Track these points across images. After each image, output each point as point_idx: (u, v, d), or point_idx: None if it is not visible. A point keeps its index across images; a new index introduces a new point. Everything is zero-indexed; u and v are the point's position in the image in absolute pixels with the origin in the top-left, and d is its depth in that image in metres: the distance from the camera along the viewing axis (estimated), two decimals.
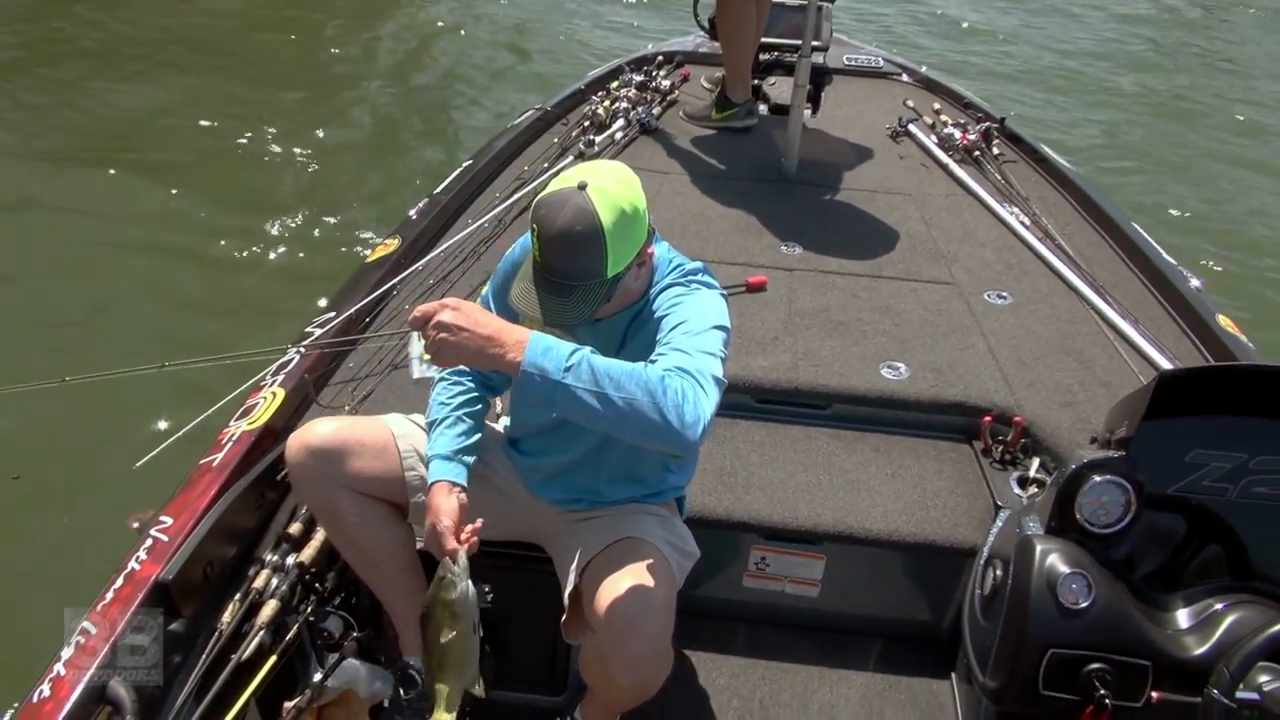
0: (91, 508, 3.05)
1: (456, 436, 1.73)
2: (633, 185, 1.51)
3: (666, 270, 1.66)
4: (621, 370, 1.35)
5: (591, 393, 1.33)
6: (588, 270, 1.47)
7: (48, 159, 5.41)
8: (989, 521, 2.10)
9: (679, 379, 1.38)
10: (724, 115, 3.90)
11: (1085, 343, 2.65)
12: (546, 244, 1.46)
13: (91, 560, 2.80)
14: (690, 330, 1.51)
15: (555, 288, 1.49)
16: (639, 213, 1.50)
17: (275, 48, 7.17)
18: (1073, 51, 8.29)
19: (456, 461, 1.70)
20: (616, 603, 1.53)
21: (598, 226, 1.44)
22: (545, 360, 1.34)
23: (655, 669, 1.60)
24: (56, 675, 1.57)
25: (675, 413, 1.34)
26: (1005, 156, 3.79)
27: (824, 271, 2.96)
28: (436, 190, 3.27)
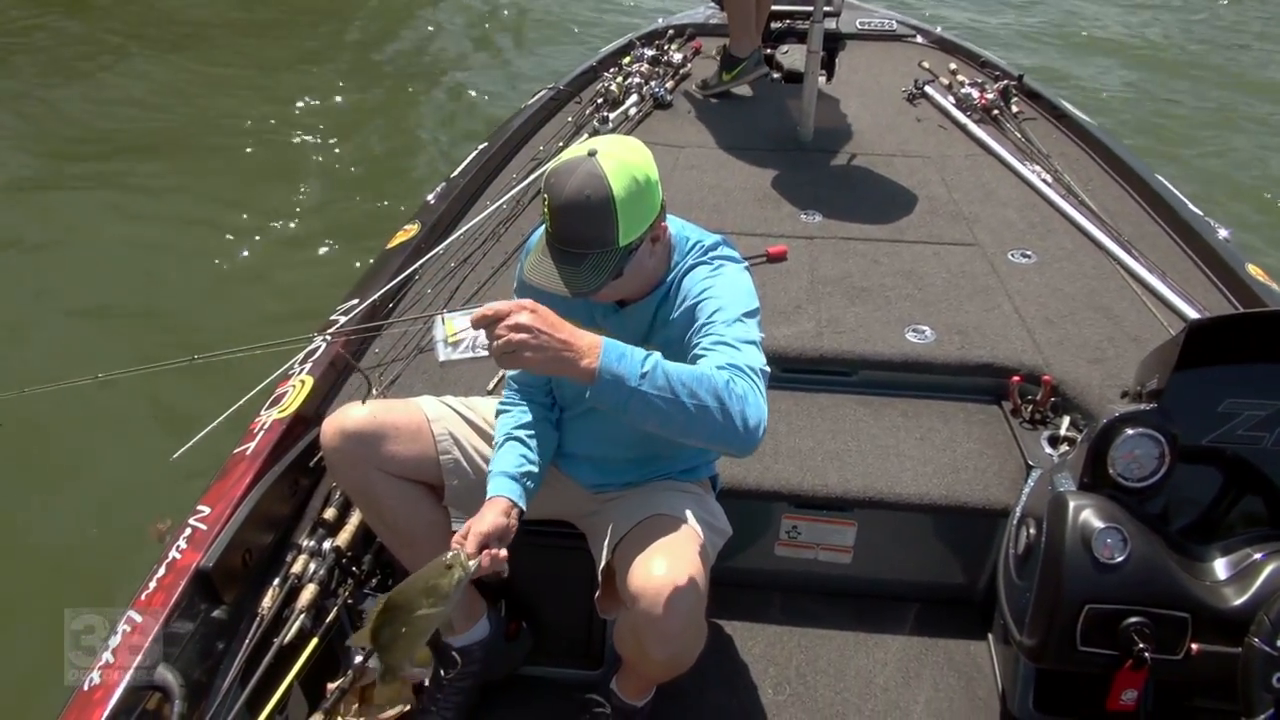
0: (129, 501, 3.10)
1: (524, 457, 1.70)
2: (644, 155, 1.50)
3: (686, 249, 1.64)
4: (692, 376, 1.34)
5: (666, 399, 1.32)
6: (599, 238, 1.45)
7: (67, 148, 5.48)
8: (1020, 482, 2.09)
9: (740, 380, 1.37)
10: (734, 73, 3.86)
11: (1113, 298, 2.62)
12: (556, 211, 1.45)
13: (128, 553, 2.86)
14: (729, 318, 1.51)
15: (567, 256, 1.47)
16: (650, 183, 1.49)
17: (281, 29, 7.18)
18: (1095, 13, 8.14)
19: (521, 484, 1.67)
20: (649, 579, 1.53)
21: (608, 192, 1.43)
22: (620, 367, 1.32)
23: (689, 643, 1.61)
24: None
25: (740, 418, 1.35)
26: (1025, 114, 3.75)
27: (845, 238, 2.94)
28: (453, 174, 3.27)
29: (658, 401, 1.32)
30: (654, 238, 1.54)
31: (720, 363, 1.41)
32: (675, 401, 1.32)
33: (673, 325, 1.62)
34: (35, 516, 3.11)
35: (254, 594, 1.89)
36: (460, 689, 1.92)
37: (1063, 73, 6.71)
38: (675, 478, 1.80)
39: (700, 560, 1.59)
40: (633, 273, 1.55)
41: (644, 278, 1.60)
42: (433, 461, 1.81)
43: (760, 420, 1.37)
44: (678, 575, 1.53)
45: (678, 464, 1.80)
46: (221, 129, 5.70)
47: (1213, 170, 5.54)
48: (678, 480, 1.80)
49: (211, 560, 1.77)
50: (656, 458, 1.79)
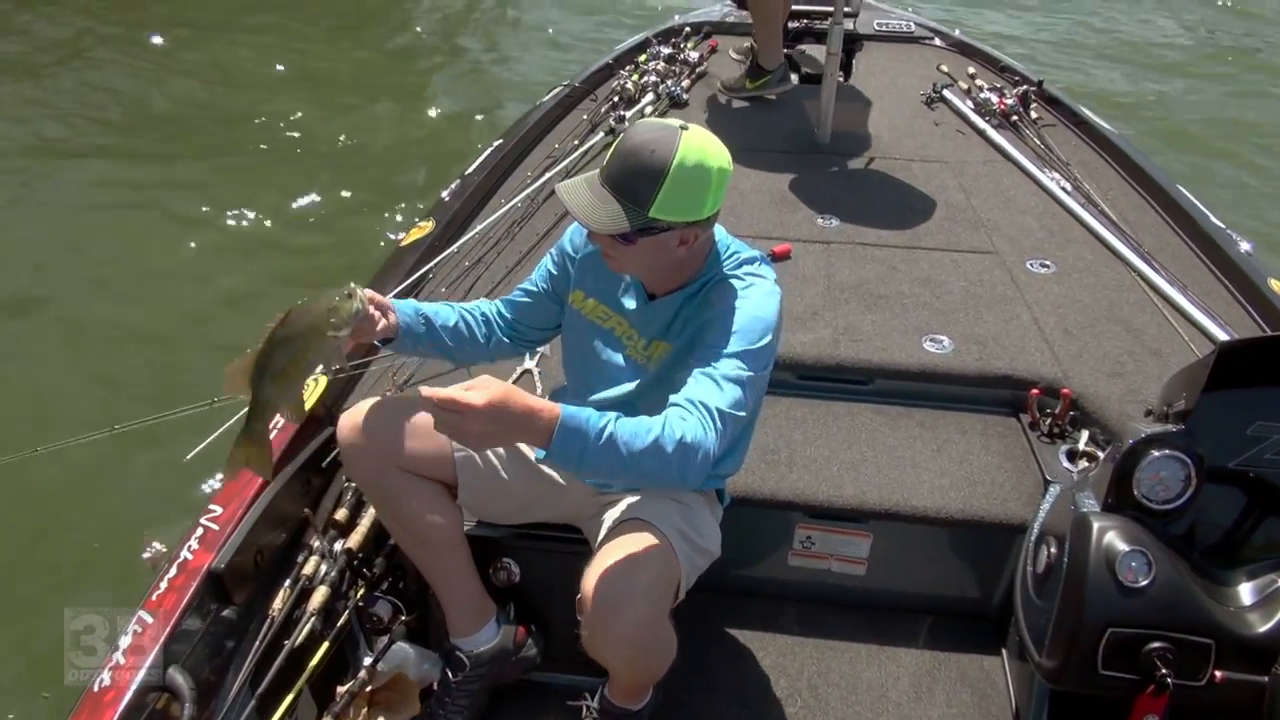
0: (142, 501, 3.10)
1: (438, 315, 1.79)
2: (721, 162, 1.50)
3: (724, 257, 1.65)
4: (642, 442, 1.38)
5: (611, 467, 1.39)
6: (635, 192, 1.47)
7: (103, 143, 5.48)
8: (1038, 496, 2.07)
9: (695, 425, 1.42)
10: (758, 84, 3.84)
11: (1133, 311, 2.59)
12: (618, 150, 1.49)
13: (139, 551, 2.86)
14: (729, 350, 1.52)
15: (601, 193, 1.50)
16: (709, 186, 1.48)
17: (299, 25, 7.16)
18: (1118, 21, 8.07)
19: (416, 312, 1.75)
20: (599, 581, 1.53)
21: (669, 160, 1.44)
22: (568, 448, 1.35)
23: (643, 652, 1.60)
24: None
25: (679, 470, 1.41)
26: (1044, 120, 3.72)
27: (862, 244, 2.92)
28: (468, 171, 3.25)
29: (604, 470, 1.41)
30: (683, 240, 1.54)
31: (692, 396, 1.46)
32: (633, 461, 1.38)
33: (690, 329, 1.63)
34: (49, 513, 3.10)
35: (265, 595, 1.88)
36: (468, 692, 1.91)
37: (1083, 79, 6.65)
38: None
39: (664, 571, 1.58)
40: (645, 252, 1.54)
41: (656, 267, 1.60)
42: (448, 459, 1.80)
43: (704, 461, 1.42)
44: (631, 582, 1.53)
45: None
46: (233, 122, 5.68)
47: (1235, 182, 5.49)
48: (675, 489, 1.77)
49: (223, 561, 1.76)
50: None
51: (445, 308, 1.83)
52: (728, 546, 2.20)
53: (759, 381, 1.58)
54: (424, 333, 1.76)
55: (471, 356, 1.89)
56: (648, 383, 1.70)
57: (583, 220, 1.51)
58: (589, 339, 1.78)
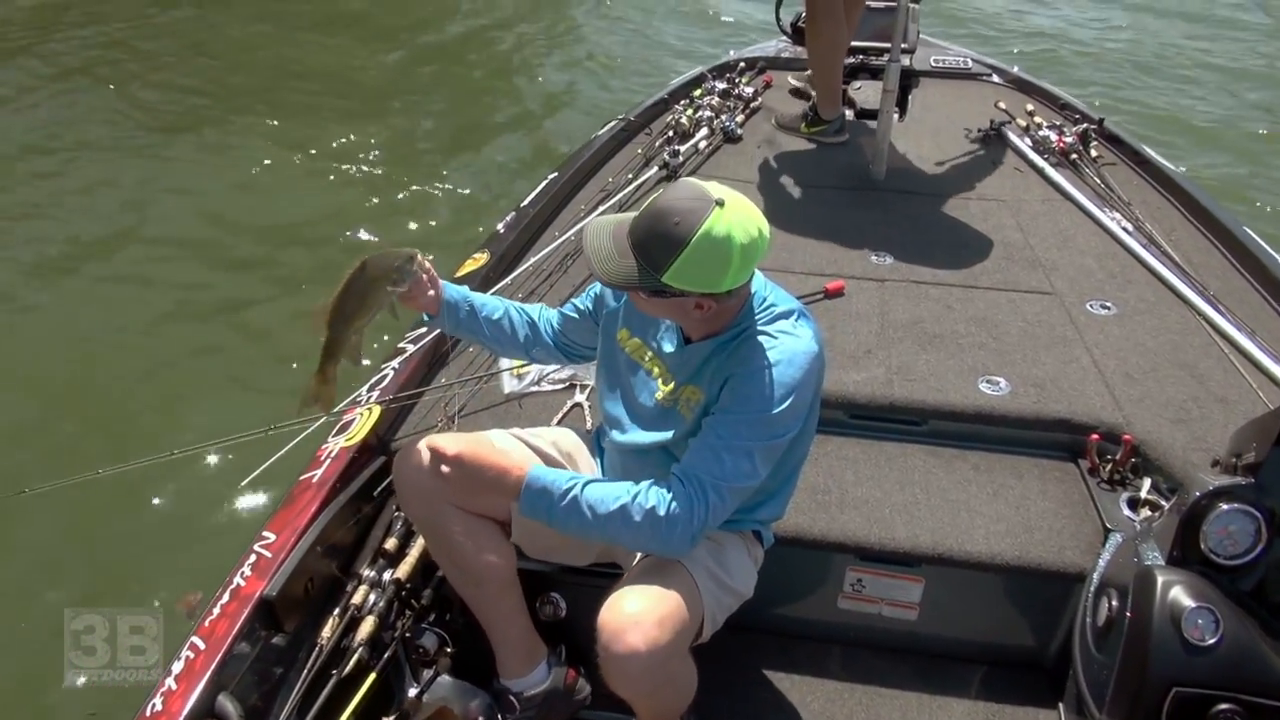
0: (198, 522, 3.15)
1: (489, 306, 1.86)
2: (748, 243, 1.47)
3: (758, 309, 1.62)
4: (603, 505, 1.52)
5: (578, 526, 1.55)
6: (651, 256, 1.47)
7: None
8: (1097, 545, 2.01)
9: (673, 496, 1.51)
10: (814, 130, 3.85)
11: (1197, 356, 2.53)
12: (649, 208, 1.50)
13: (198, 567, 2.90)
14: (740, 418, 1.54)
15: (621, 246, 1.52)
16: (728, 264, 1.46)
17: (353, 53, 7.33)
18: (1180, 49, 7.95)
19: (462, 297, 1.83)
20: (615, 610, 1.53)
21: (691, 234, 1.44)
22: (536, 506, 1.56)
23: (655, 686, 1.57)
24: (168, 690, 1.61)
25: (654, 539, 1.52)
26: (1104, 159, 3.66)
27: (917, 282, 2.89)
28: (523, 203, 3.28)
29: (581, 525, 1.54)
30: (699, 305, 1.53)
31: (686, 468, 1.54)
32: (598, 524, 1.53)
33: (718, 381, 1.61)
34: (106, 535, 3.17)
35: (314, 623, 1.90)
36: None
37: (1150, 108, 6.54)
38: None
39: (685, 610, 1.56)
40: (661, 308, 1.57)
41: (679, 319, 1.62)
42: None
43: (684, 532, 1.51)
44: (646, 617, 1.51)
45: None
46: (289, 146, 5.82)
47: None
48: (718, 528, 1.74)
49: (275, 589, 1.78)
50: None
51: (496, 301, 1.88)
52: (776, 586, 2.19)
53: (773, 449, 1.57)
54: (465, 317, 1.83)
55: (507, 353, 1.96)
56: (684, 432, 1.69)
57: (595, 270, 1.53)
58: (626, 376, 1.78)
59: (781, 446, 1.60)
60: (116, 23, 7.62)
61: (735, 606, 1.77)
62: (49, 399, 3.74)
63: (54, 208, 5.14)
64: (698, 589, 1.61)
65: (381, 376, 2.35)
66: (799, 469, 1.80)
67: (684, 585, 1.59)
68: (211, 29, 7.63)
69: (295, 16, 7.97)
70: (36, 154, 5.71)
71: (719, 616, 1.70)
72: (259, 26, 7.77)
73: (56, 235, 4.86)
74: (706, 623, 1.65)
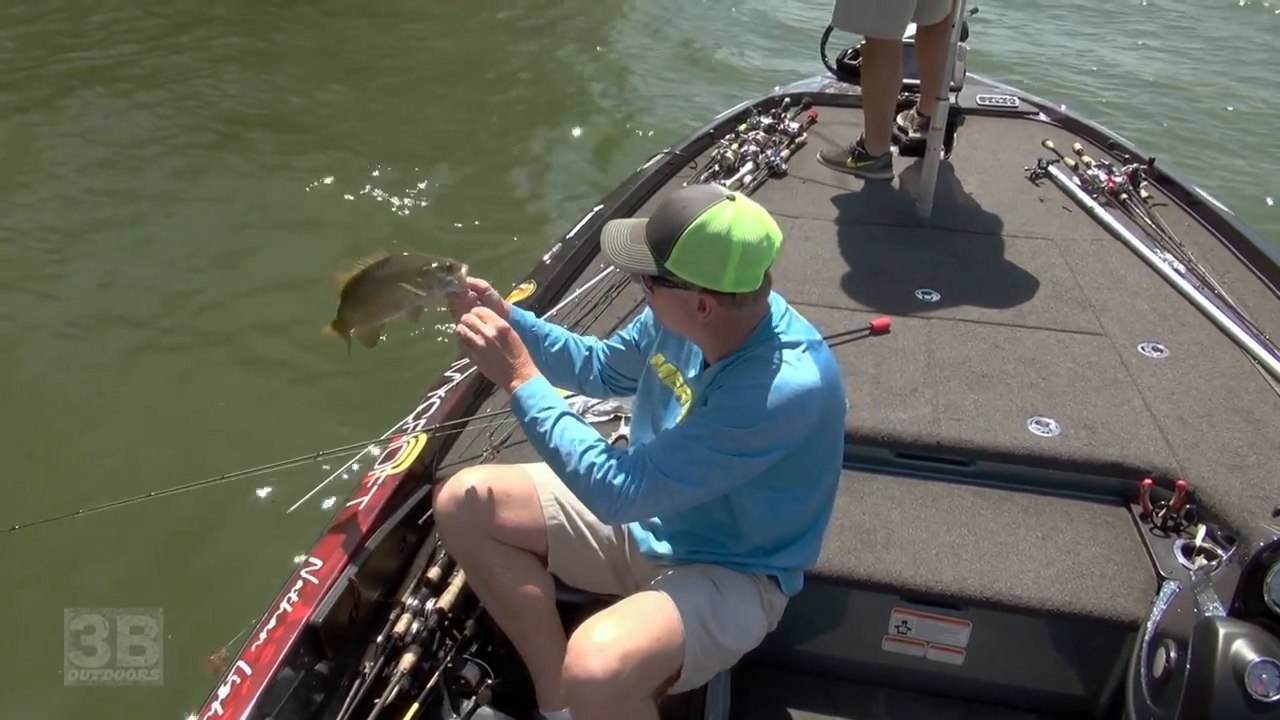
0: (248, 546, 3.19)
1: (554, 338, 1.88)
2: (750, 241, 1.47)
3: (768, 333, 1.60)
4: (574, 446, 1.55)
5: (544, 447, 1.58)
6: (657, 241, 1.51)
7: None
8: (1150, 593, 1.97)
9: (632, 474, 1.52)
10: (860, 166, 3.85)
11: (1253, 401, 2.48)
12: (660, 203, 1.55)
13: (243, 594, 2.93)
14: (716, 424, 1.52)
15: (637, 233, 1.56)
16: (727, 257, 1.47)
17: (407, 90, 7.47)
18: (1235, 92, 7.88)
19: (534, 324, 1.86)
20: (581, 631, 1.53)
21: (687, 221, 1.47)
22: (523, 403, 1.59)
23: (603, 717, 1.53)
24: (214, 713, 1.63)
25: (588, 495, 1.55)
26: (1155, 199, 3.61)
27: (964, 320, 2.86)
28: (569, 235, 3.31)
29: (539, 443, 1.59)
30: (701, 305, 1.53)
31: (648, 448, 1.55)
32: (549, 453, 1.58)
33: (709, 396, 1.60)
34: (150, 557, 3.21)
35: (357, 651, 1.90)
36: None
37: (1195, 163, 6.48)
38: (727, 565, 1.73)
39: (659, 651, 1.54)
40: (670, 306, 1.57)
41: (688, 328, 1.61)
42: (540, 530, 1.81)
43: (612, 502, 1.52)
44: (613, 648, 1.49)
45: (728, 552, 1.73)
46: (330, 184, 5.95)
47: None
48: (729, 569, 1.72)
49: (321, 615, 1.79)
50: (709, 540, 1.73)
51: (559, 331, 1.90)
52: (819, 626, 2.16)
53: (732, 468, 1.52)
54: (529, 343, 1.81)
55: (560, 383, 1.92)
56: None
57: (609, 254, 1.58)
58: (658, 399, 1.78)
59: (743, 469, 1.53)
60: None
61: (731, 661, 1.73)
62: (112, 417, 3.83)
63: (136, 221, 5.39)
64: (681, 633, 1.58)
65: (428, 405, 2.37)
66: (824, 514, 1.77)
67: (667, 626, 1.56)
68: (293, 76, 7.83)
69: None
70: (115, 169, 5.95)
71: (708, 666, 1.66)
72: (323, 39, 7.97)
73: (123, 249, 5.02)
74: (688, 669, 1.61)
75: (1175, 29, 9.17)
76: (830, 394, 1.58)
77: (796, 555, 1.75)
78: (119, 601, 2.94)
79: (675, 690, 1.65)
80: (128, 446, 3.65)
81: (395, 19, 8.89)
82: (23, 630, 2.86)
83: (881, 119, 3.76)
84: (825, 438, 1.62)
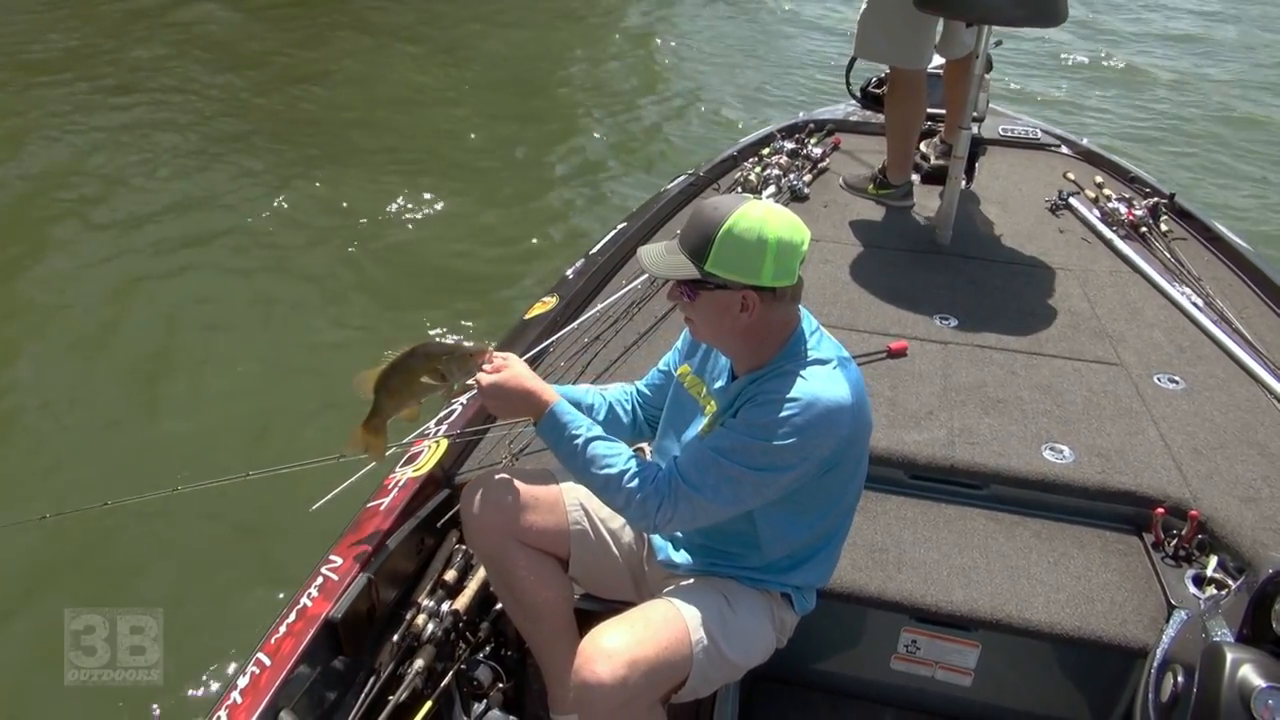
0: (269, 546, 3.23)
1: (596, 404, 1.91)
2: (783, 237, 1.52)
3: (798, 348, 1.62)
4: (597, 464, 1.62)
5: (574, 470, 1.66)
6: (694, 246, 1.55)
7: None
8: (1160, 620, 1.98)
9: (657, 485, 1.59)
10: (881, 193, 3.89)
11: (1269, 435, 2.48)
12: (690, 210, 1.61)
13: (262, 592, 2.96)
14: (745, 438, 1.55)
15: (671, 247, 1.61)
16: (765, 251, 1.51)
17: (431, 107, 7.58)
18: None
19: (571, 401, 1.81)
20: (591, 637, 1.55)
21: (725, 218, 1.52)
22: (549, 434, 1.66)
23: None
24: (233, 703, 1.65)
25: (625, 509, 1.62)
26: (1175, 234, 3.63)
27: (980, 346, 2.89)
28: (592, 250, 3.36)
29: (573, 467, 1.66)
30: (744, 305, 1.56)
31: (680, 464, 1.61)
32: (586, 478, 1.64)
33: (737, 408, 1.63)
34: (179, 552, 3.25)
35: (373, 649, 1.93)
36: None
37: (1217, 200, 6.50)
38: (741, 580, 1.75)
39: (666, 660, 1.56)
40: (711, 312, 1.59)
41: (728, 335, 1.63)
42: (564, 533, 1.84)
43: (657, 528, 1.61)
44: (621, 655, 1.51)
45: (744, 565, 1.75)
46: (363, 196, 6.03)
47: None
48: (742, 583, 1.75)
49: (340, 611, 1.82)
50: (726, 553, 1.76)
51: (597, 397, 1.92)
52: (829, 643, 2.18)
53: (762, 483, 1.56)
54: (576, 406, 1.82)
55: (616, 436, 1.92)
56: None
57: (648, 266, 1.61)
58: (684, 409, 1.81)
59: (775, 484, 1.57)
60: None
61: (738, 675, 1.75)
62: (138, 411, 3.90)
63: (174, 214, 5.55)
64: (689, 644, 1.60)
65: (450, 411, 2.41)
66: (841, 532, 1.78)
67: (676, 636, 1.59)
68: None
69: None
70: (166, 167, 6.15)
71: (713, 677, 1.67)
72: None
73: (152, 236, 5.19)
74: (693, 679, 1.62)
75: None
76: (859, 412, 1.61)
77: (811, 573, 1.77)
78: (120, 601, 2.99)
79: (679, 699, 1.67)
80: (152, 444, 3.71)
81: (426, 36, 9.04)
82: (23, 630, 2.89)
83: (904, 148, 3.80)
84: (851, 455, 1.64)
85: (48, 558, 3.13)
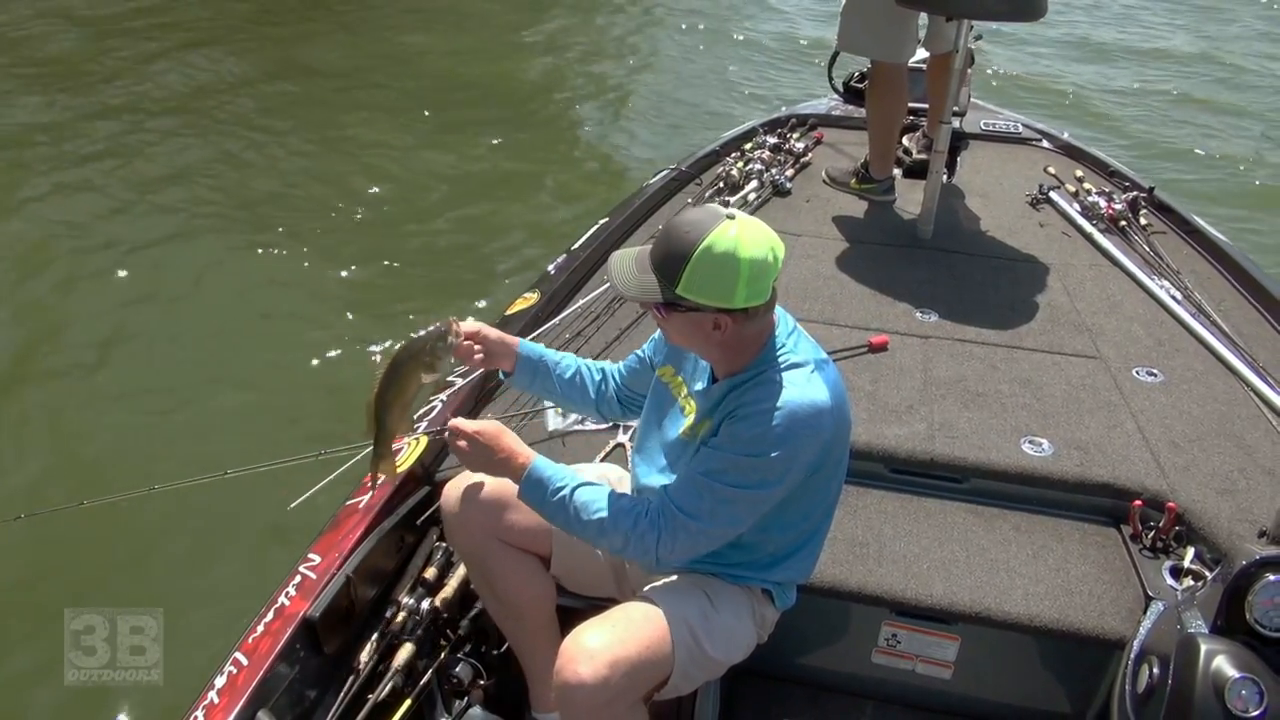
0: (248, 544, 3.22)
1: (560, 364, 1.92)
2: (757, 257, 1.49)
3: (774, 352, 1.61)
4: (585, 512, 1.58)
5: (567, 525, 1.62)
6: (665, 268, 1.52)
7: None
8: (1138, 612, 1.99)
9: (649, 520, 1.56)
10: (863, 188, 3.90)
11: (1245, 427, 2.50)
12: (661, 229, 1.57)
13: (240, 591, 2.94)
14: (732, 457, 1.54)
15: (642, 264, 1.58)
16: (737, 275, 1.48)
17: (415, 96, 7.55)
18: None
19: (536, 353, 1.90)
20: (573, 637, 1.55)
21: (693, 246, 1.48)
22: (531, 495, 1.63)
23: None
24: (210, 703, 1.65)
25: (625, 551, 1.58)
26: (1154, 227, 3.65)
27: (961, 340, 2.89)
28: (574, 246, 3.35)
29: (563, 522, 1.62)
30: (716, 325, 1.54)
31: (670, 496, 1.58)
32: (578, 529, 1.61)
33: (720, 418, 1.62)
34: (150, 551, 3.23)
35: (353, 647, 1.93)
36: None
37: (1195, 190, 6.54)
38: (722, 577, 1.75)
39: (648, 659, 1.56)
40: (683, 328, 1.59)
41: (703, 347, 1.63)
42: (546, 531, 1.83)
43: (661, 564, 1.58)
44: (603, 654, 1.51)
45: (726, 562, 1.74)
46: (346, 188, 6.00)
47: None
48: (724, 580, 1.74)
49: (318, 610, 1.81)
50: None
51: (569, 359, 1.94)
52: (810, 637, 2.18)
53: (756, 499, 1.56)
54: (540, 375, 1.90)
55: (579, 409, 2.00)
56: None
57: (618, 287, 1.60)
58: (664, 408, 1.80)
59: (768, 498, 1.57)
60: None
61: (720, 671, 1.76)
62: (128, 409, 3.88)
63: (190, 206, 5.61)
64: (671, 643, 1.60)
65: (430, 408, 2.40)
66: (823, 529, 1.78)
67: (657, 635, 1.58)
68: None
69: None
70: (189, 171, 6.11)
71: (695, 675, 1.68)
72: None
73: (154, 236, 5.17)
74: (676, 677, 1.63)
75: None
76: (839, 413, 1.61)
77: (793, 569, 1.77)
78: (119, 601, 2.97)
79: (661, 696, 1.67)
80: (132, 442, 3.68)
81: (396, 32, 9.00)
82: (23, 630, 2.87)
83: (885, 142, 3.81)
84: (833, 455, 1.65)
85: (35, 557, 3.11)
